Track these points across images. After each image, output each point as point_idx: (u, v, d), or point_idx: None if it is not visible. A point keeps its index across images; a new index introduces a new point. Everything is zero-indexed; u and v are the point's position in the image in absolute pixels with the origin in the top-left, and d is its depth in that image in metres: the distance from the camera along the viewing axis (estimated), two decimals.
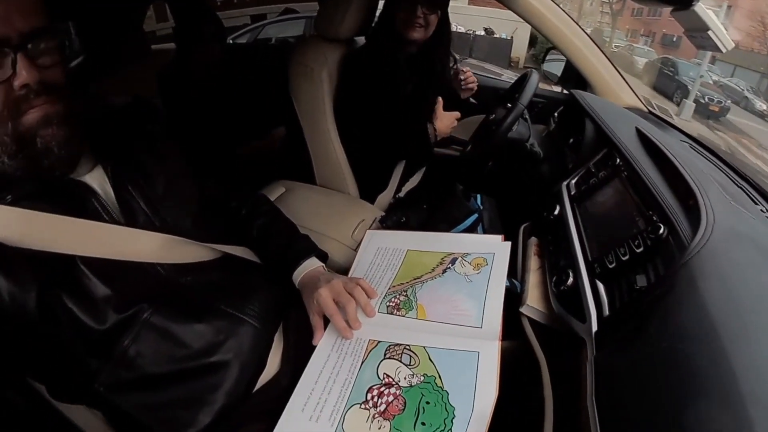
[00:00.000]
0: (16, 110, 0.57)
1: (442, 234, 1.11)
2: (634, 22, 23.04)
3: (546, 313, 0.87)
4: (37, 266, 0.60)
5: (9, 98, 0.56)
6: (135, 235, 0.70)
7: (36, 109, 0.58)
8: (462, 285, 0.85)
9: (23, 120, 0.58)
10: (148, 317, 0.68)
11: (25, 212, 0.59)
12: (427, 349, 0.74)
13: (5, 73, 0.55)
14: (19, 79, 0.55)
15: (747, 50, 16.44)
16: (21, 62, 0.55)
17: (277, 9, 7.75)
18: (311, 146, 1.53)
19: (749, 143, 10.53)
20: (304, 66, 1.42)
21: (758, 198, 0.90)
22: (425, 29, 1.38)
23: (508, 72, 3.37)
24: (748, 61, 16.10)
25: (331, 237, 1.32)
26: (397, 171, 1.61)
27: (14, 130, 0.57)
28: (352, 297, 0.80)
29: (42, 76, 0.57)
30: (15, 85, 0.55)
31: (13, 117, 0.57)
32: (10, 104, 0.56)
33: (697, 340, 0.48)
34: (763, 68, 15.69)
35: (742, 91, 13.62)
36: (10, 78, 0.55)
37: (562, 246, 0.93)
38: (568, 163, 1.26)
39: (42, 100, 0.58)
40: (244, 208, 0.97)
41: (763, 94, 14.17)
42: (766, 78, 15.59)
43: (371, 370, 0.72)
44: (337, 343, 0.79)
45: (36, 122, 0.58)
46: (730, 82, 14.39)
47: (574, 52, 1.57)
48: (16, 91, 0.56)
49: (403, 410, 0.66)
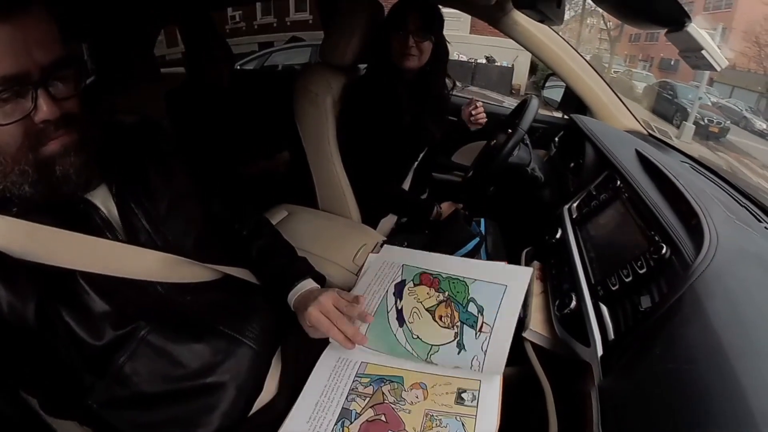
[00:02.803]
0: (36, 142, 0.58)
1: (451, 257, 1.07)
2: (632, 48, 23.54)
3: (549, 338, 0.85)
4: (37, 278, 0.60)
5: (30, 131, 0.58)
6: (136, 253, 0.70)
7: (55, 140, 0.60)
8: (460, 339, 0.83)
9: (43, 150, 0.59)
10: (145, 335, 0.67)
11: (30, 225, 0.60)
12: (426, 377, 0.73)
13: (26, 108, 0.56)
14: (40, 114, 0.57)
15: (744, 70, 16.69)
16: (42, 97, 0.56)
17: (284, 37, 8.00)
18: (314, 170, 1.54)
19: (750, 162, 10.53)
20: (309, 92, 1.44)
21: (762, 216, 0.89)
22: (419, 57, 1.39)
23: (510, 99, 3.43)
24: (745, 81, 16.30)
25: (333, 261, 1.31)
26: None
27: (35, 160, 0.59)
28: (342, 312, 0.79)
29: (61, 109, 0.59)
30: (36, 119, 0.57)
31: (33, 148, 0.58)
32: (31, 137, 0.58)
33: (704, 360, 0.47)
34: (760, 88, 15.86)
35: (741, 111, 13.69)
36: (31, 113, 0.57)
37: (565, 269, 0.92)
38: (570, 187, 1.26)
39: (61, 132, 0.60)
40: (245, 229, 0.97)
41: (762, 113, 14.28)
42: (764, 97, 15.73)
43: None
44: (335, 367, 0.77)
45: (56, 152, 0.60)
46: (729, 102, 14.49)
47: (573, 77, 1.60)
48: (36, 125, 0.57)
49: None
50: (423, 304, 0.88)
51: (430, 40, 1.39)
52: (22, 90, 0.55)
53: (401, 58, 1.38)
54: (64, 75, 0.60)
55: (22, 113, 0.56)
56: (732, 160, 10.40)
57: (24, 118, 0.56)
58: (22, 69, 0.54)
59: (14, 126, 0.56)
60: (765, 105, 15.40)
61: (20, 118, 0.56)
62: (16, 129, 0.56)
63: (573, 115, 1.49)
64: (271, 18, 13.15)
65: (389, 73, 1.41)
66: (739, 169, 9.84)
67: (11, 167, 0.58)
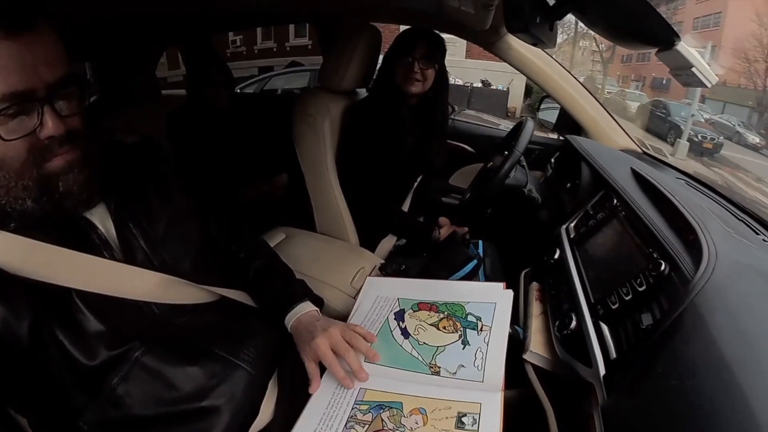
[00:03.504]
0: (40, 158, 0.59)
1: (442, 282, 1.10)
2: (624, 69, 23.95)
3: (550, 359, 0.85)
4: (32, 295, 0.60)
5: (34, 147, 0.58)
6: (132, 273, 0.69)
7: (59, 157, 0.60)
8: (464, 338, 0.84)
9: (46, 166, 0.60)
10: (139, 356, 0.66)
11: (27, 241, 0.60)
12: (425, 401, 0.72)
13: (32, 124, 0.57)
14: (45, 130, 0.58)
15: (734, 86, 16.94)
16: (47, 114, 0.57)
17: (284, 62, 8.16)
18: (312, 194, 1.55)
19: (745, 176, 10.61)
20: (308, 116, 1.46)
21: (759, 228, 0.90)
22: (423, 83, 1.43)
23: (506, 121, 3.47)
24: (736, 97, 16.53)
25: (330, 284, 1.31)
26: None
27: (38, 176, 0.59)
28: (351, 345, 0.78)
29: (65, 126, 0.60)
30: (41, 136, 0.58)
31: (37, 164, 0.59)
32: (35, 153, 0.59)
33: (708, 375, 0.46)
34: (751, 102, 16.10)
35: (734, 127, 13.83)
36: (36, 129, 0.57)
37: (564, 289, 0.92)
38: (567, 207, 1.27)
39: (65, 149, 0.61)
40: (243, 251, 0.96)
41: (754, 127, 14.48)
42: (755, 111, 15.96)
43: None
44: (334, 394, 0.76)
45: (59, 169, 0.61)
46: (721, 118, 14.64)
47: (568, 99, 1.63)
48: (41, 141, 0.58)
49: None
50: (426, 321, 0.88)
51: (434, 68, 1.43)
52: (28, 106, 0.56)
53: (406, 83, 1.42)
54: (68, 93, 0.61)
55: (28, 129, 0.57)
56: (727, 174, 10.49)
57: (29, 134, 0.57)
58: (29, 86, 0.55)
59: (19, 141, 0.57)
60: (757, 119, 15.64)
61: (26, 134, 0.57)
62: (20, 144, 0.57)
63: (568, 136, 1.51)
64: (271, 43, 13.42)
65: (393, 98, 1.44)
66: (735, 183, 9.92)
67: (14, 182, 0.59)
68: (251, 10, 1.85)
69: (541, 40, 0.83)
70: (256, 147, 2.01)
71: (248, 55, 12.85)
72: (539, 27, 0.79)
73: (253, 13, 1.98)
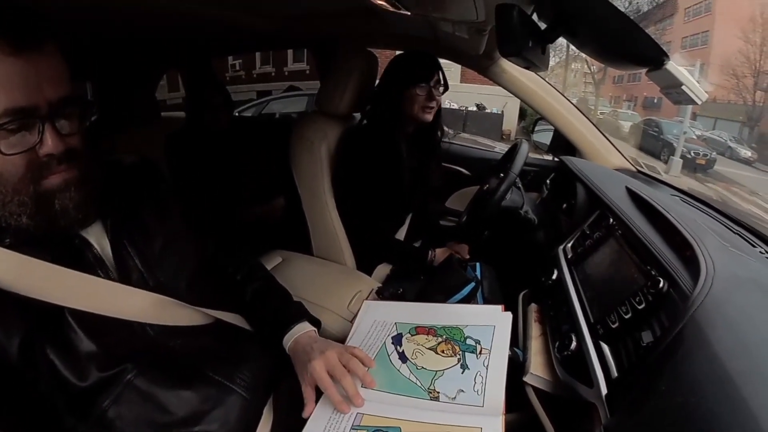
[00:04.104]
0: (38, 175, 0.60)
1: (440, 305, 1.09)
2: (616, 89, 24.46)
3: (551, 381, 0.84)
4: (25, 313, 0.59)
5: (33, 164, 0.59)
6: (127, 293, 0.69)
7: (57, 174, 0.61)
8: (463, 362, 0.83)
9: (44, 183, 0.60)
10: (131, 378, 0.65)
11: (21, 257, 0.59)
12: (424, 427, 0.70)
13: (32, 140, 0.58)
14: (45, 147, 0.58)
15: (724, 102, 17.32)
16: (48, 132, 0.58)
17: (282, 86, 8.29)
18: (309, 217, 1.55)
19: (739, 190, 10.75)
20: (305, 139, 1.48)
21: (756, 241, 0.90)
22: (434, 110, 1.45)
23: (501, 144, 3.51)
24: (727, 113, 16.88)
25: (327, 308, 1.29)
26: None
27: (35, 192, 0.60)
28: (348, 369, 0.76)
29: (65, 144, 0.60)
30: (40, 152, 0.59)
31: (34, 180, 0.59)
32: (34, 169, 0.59)
33: (712, 390, 0.46)
34: (741, 117, 16.43)
35: (726, 142, 14.10)
36: (36, 146, 0.58)
37: (563, 310, 0.92)
38: (563, 228, 1.27)
39: (63, 167, 0.61)
40: (239, 273, 0.96)
41: (745, 141, 14.73)
42: (746, 126, 16.27)
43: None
44: (330, 419, 0.74)
45: (56, 187, 0.61)
46: (713, 134, 14.93)
47: (561, 121, 1.66)
48: (40, 157, 0.59)
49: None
50: (424, 345, 0.87)
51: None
52: (29, 123, 0.57)
53: (423, 111, 1.42)
54: (70, 112, 0.62)
55: (28, 145, 0.57)
56: (721, 189, 10.63)
57: (29, 150, 0.58)
58: (31, 102, 0.56)
59: (18, 157, 0.57)
60: (748, 133, 15.93)
61: (25, 149, 0.57)
62: (19, 160, 0.57)
63: (563, 157, 1.53)
64: (269, 67, 13.69)
65: (399, 126, 1.45)
66: (729, 197, 10.03)
67: (11, 197, 0.59)
68: (250, 35, 1.88)
69: (534, 63, 0.85)
70: (254, 170, 2.03)
71: (247, 79, 13.10)
72: (532, 51, 0.80)
73: (252, 37, 2.02)
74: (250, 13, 1.36)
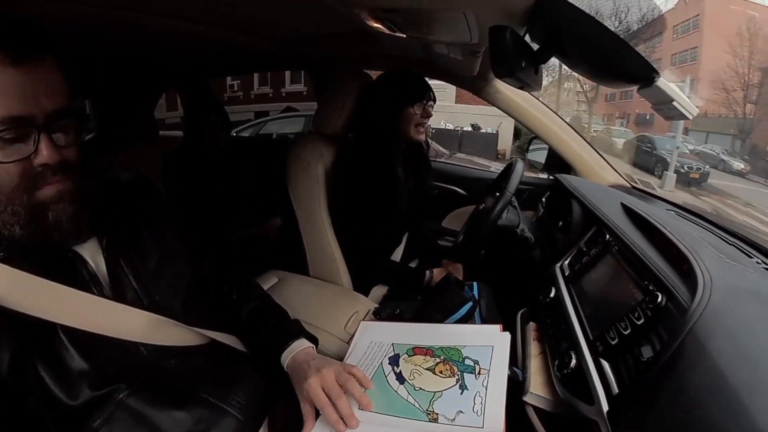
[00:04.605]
0: (32, 185, 0.60)
1: (438, 326, 1.08)
2: (608, 107, 24.80)
3: (551, 400, 0.83)
4: (16, 328, 0.59)
5: (27, 173, 0.59)
6: (121, 311, 0.68)
7: (51, 185, 0.61)
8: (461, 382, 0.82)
9: (38, 194, 0.60)
10: (123, 398, 0.64)
11: (14, 271, 0.59)
12: None
13: (27, 150, 0.58)
14: (40, 158, 0.59)
15: (715, 116, 17.58)
16: (43, 142, 0.58)
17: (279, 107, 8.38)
18: (305, 237, 1.55)
19: (733, 202, 10.85)
20: (302, 160, 1.49)
21: (752, 251, 0.90)
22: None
23: (496, 163, 3.55)
24: (718, 126, 17.13)
25: (323, 329, 1.28)
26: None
27: (28, 202, 0.60)
28: (345, 389, 0.75)
29: (60, 155, 0.60)
30: (35, 162, 0.59)
31: (28, 190, 0.60)
32: (28, 179, 0.59)
33: (715, 403, 0.45)
34: (733, 130, 16.69)
35: (718, 155, 14.29)
36: (31, 155, 0.58)
37: (562, 328, 0.91)
38: (560, 245, 1.28)
39: (57, 178, 0.61)
40: (235, 292, 0.95)
41: (738, 153, 14.95)
42: (738, 139, 16.51)
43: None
44: None
45: (50, 197, 0.61)
46: (705, 148, 15.18)
47: (556, 139, 1.68)
48: (34, 167, 0.59)
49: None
50: (422, 366, 0.86)
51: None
52: (25, 132, 0.57)
53: (417, 131, 1.45)
54: (66, 125, 0.62)
55: (23, 154, 0.58)
56: (716, 202, 10.72)
57: (23, 160, 0.58)
58: (28, 112, 0.56)
59: (13, 165, 0.57)
60: (740, 146, 16.17)
61: (20, 158, 0.57)
62: (14, 169, 0.58)
63: (558, 175, 1.55)
64: (267, 88, 13.86)
65: (390, 143, 1.46)
66: (724, 210, 10.11)
67: (4, 207, 0.59)
68: (249, 57, 1.91)
69: (527, 83, 0.86)
70: (251, 190, 2.04)
71: (245, 100, 13.28)
72: (525, 71, 0.81)
73: (250, 59, 2.05)
74: (249, 35, 1.39)
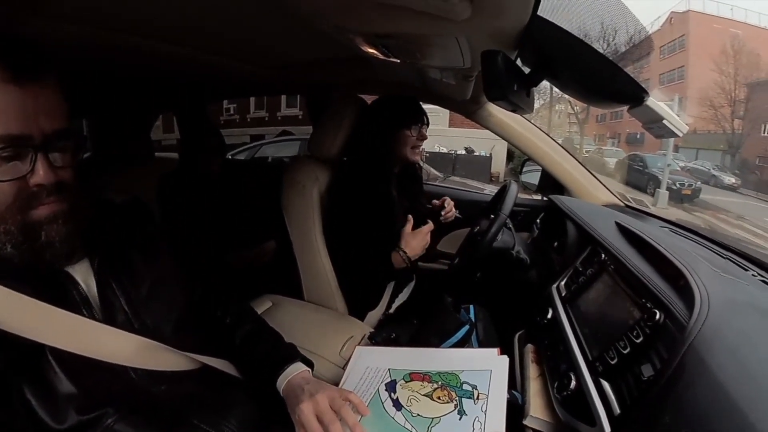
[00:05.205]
0: (26, 204, 0.59)
1: (435, 350, 1.09)
2: (599, 128, 25.34)
3: (552, 423, 0.82)
4: (3, 348, 0.57)
5: (22, 193, 0.59)
6: (111, 334, 0.67)
7: (45, 206, 0.61)
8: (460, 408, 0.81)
9: (32, 213, 0.60)
10: (111, 423, 0.62)
11: (3, 290, 0.58)
12: None
13: (24, 169, 0.58)
14: (36, 178, 0.58)
15: (704, 132, 18.00)
16: (40, 162, 0.58)
17: (275, 130, 8.46)
18: (300, 261, 1.54)
19: (726, 216, 10.99)
20: (297, 183, 1.49)
21: (747, 264, 0.91)
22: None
23: (490, 186, 3.60)
24: (708, 142, 17.56)
25: (318, 354, 1.26)
26: (387, 288, 1.60)
27: (22, 222, 0.59)
28: (340, 415, 0.73)
29: (56, 176, 0.60)
30: (30, 182, 0.58)
31: (22, 210, 0.59)
32: (22, 198, 0.59)
33: (717, 418, 0.45)
34: (722, 145, 17.03)
35: (709, 171, 14.63)
36: (27, 175, 0.58)
37: (560, 349, 0.90)
38: (556, 266, 1.27)
39: (52, 199, 0.61)
40: (228, 317, 0.93)
41: (728, 168, 15.26)
42: (727, 154, 16.84)
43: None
44: None
45: (44, 218, 0.61)
46: (696, 164, 15.49)
47: (548, 161, 1.70)
48: (30, 187, 0.59)
49: None
50: (419, 392, 0.85)
51: None
52: (22, 152, 0.57)
53: (411, 151, 1.47)
54: (63, 146, 0.62)
55: (19, 173, 0.57)
56: (709, 217, 10.86)
57: (19, 179, 0.57)
58: (26, 131, 0.56)
59: (8, 184, 0.57)
60: (730, 160, 16.43)
61: (16, 177, 0.57)
62: (9, 188, 0.57)
63: (552, 196, 1.56)
64: (263, 112, 14.07)
65: (385, 166, 1.47)
66: (717, 224, 10.21)
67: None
68: (245, 81, 1.94)
69: (520, 106, 0.88)
70: (246, 213, 2.03)
71: (241, 123, 13.42)
72: (517, 94, 0.83)
73: (246, 83, 2.08)
74: (245, 61, 1.41)
